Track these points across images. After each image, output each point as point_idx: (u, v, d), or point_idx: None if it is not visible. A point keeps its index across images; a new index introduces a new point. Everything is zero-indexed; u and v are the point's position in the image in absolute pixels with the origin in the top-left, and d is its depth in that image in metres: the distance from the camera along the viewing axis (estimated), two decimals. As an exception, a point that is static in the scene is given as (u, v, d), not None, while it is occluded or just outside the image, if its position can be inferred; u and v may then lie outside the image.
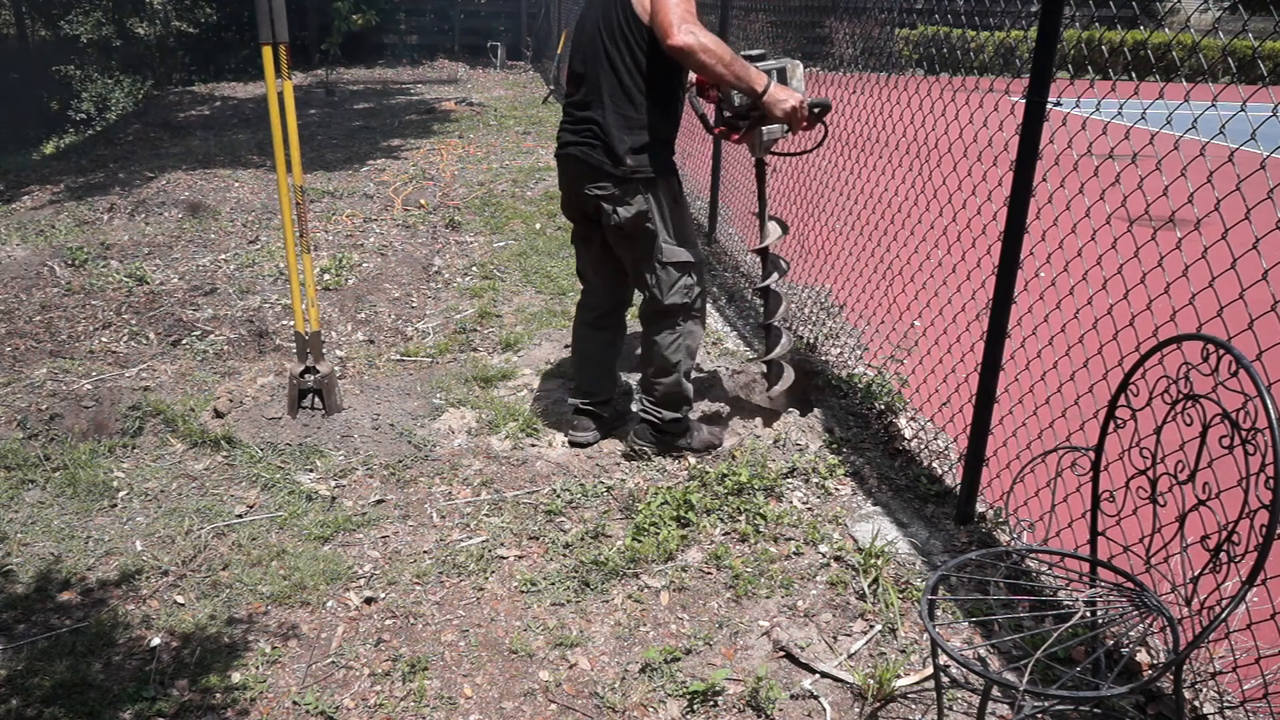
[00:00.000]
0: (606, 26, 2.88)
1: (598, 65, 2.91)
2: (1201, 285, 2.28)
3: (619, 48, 2.87)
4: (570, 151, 3.02)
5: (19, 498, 3.01)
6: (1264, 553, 1.60)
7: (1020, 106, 2.51)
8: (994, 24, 3.42)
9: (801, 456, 3.28)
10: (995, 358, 2.69)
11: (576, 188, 3.07)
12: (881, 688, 2.21)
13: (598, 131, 2.93)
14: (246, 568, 2.67)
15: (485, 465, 3.27)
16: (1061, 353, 2.90)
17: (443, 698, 2.23)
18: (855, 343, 4.19)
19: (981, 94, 3.21)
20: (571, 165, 3.05)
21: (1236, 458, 1.71)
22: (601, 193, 2.99)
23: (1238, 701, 2.12)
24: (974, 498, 2.87)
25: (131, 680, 2.25)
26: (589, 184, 3.01)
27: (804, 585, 2.64)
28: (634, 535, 2.82)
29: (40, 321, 4.48)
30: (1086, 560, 2.11)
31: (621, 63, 2.87)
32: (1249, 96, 2.04)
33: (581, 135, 2.98)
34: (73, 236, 5.87)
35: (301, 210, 3.38)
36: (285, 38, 3.16)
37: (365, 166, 8.19)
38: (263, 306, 4.72)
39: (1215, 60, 2.32)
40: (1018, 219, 2.54)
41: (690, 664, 2.35)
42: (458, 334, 4.44)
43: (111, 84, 12.09)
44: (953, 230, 3.40)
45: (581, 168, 3.00)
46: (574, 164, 3.03)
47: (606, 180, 2.96)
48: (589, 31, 2.96)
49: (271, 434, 3.40)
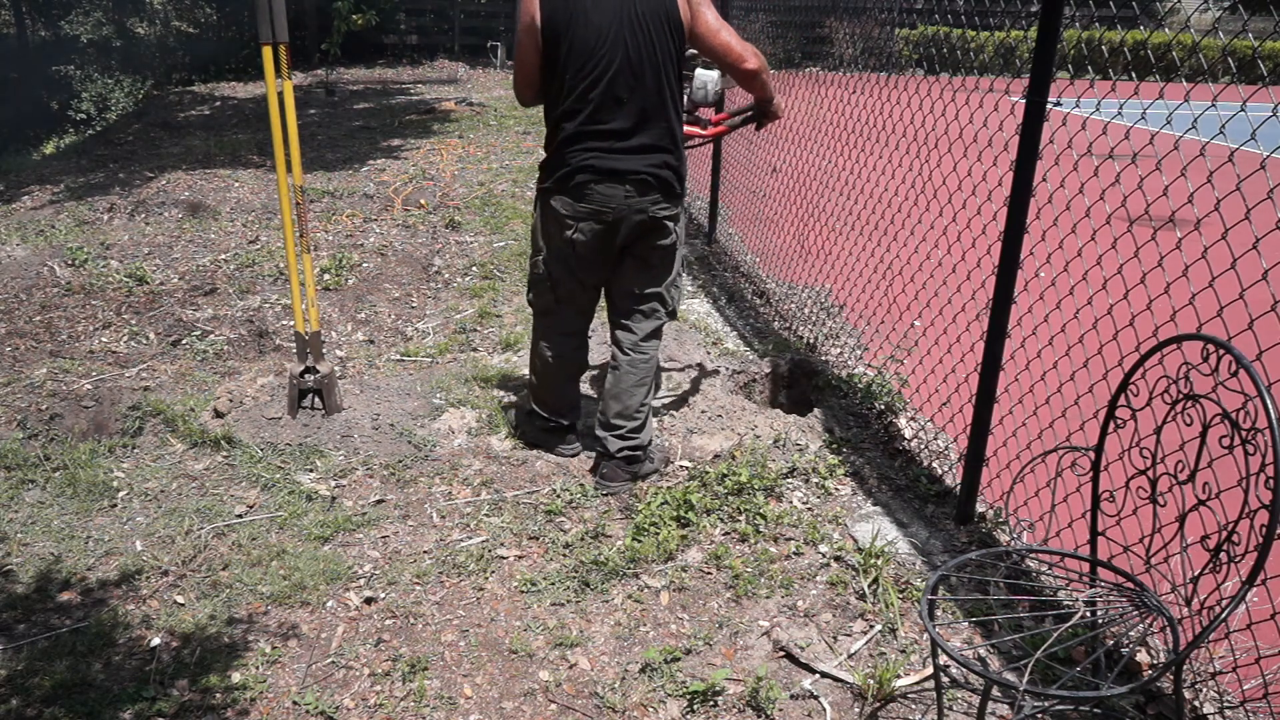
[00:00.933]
0: (649, 38, 2.82)
1: (643, 79, 2.84)
2: (1201, 285, 2.28)
3: (666, 60, 2.86)
4: (645, 172, 2.89)
5: (19, 498, 3.01)
6: (1264, 553, 1.60)
7: (1020, 106, 2.51)
8: (994, 24, 3.42)
9: (801, 456, 3.28)
10: (995, 358, 2.69)
11: (631, 213, 2.91)
12: (881, 688, 2.21)
13: (660, 145, 2.90)
14: (246, 568, 2.67)
15: (485, 465, 3.27)
16: (1061, 353, 2.90)
17: (443, 698, 2.23)
18: (855, 343, 4.19)
19: (981, 94, 3.21)
20: (639, 186, 2.89)
21: (1236, 458, 1.71)
22: (666, 212, 2.96)
23: (1238, 701, 2.12)
24: (974, 498, 2.87)
25: (131, 680, 2.25)
26: (654, 206, 2.93)
27: (804, 585, 2.64)
28: (634, 535, 2.82)
29: (40, 321, 4.48)
30: (1086, 560, 2.11)
31: (669, 83, 2.88)
32: (1249, 96, 2.04)
33: (645, 153, 2.89)
34: (73, 236, 5.87)
35: (301, 210, 3.38)
36: (285, 38, 3.16)
37: (365, 166, 8.19)
38: (263, 306, 4.72)
39: (1215, 60, 2.32)
40: (1018, 219, 2.54)
41: (690, 664, 2.35)
42: (458, 334, 4.44)
43: (111, 84, 12.08)
44: (953, 230, 3.40)
45: (647, 186, 2.91)
46: (644, 185, 2.90)
47: (674, 200, 2.98)
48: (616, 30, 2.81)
49: (271, 434, 3.40)
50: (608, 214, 2.90)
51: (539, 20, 2.79)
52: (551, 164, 2.94)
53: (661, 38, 2.82)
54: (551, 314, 3.16)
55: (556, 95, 2.89)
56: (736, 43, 2.92)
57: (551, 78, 2.87)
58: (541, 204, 3.01)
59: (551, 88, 2.90)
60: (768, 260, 5.29)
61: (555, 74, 2.85)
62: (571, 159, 2.88)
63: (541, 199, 3.00)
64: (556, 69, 2.84)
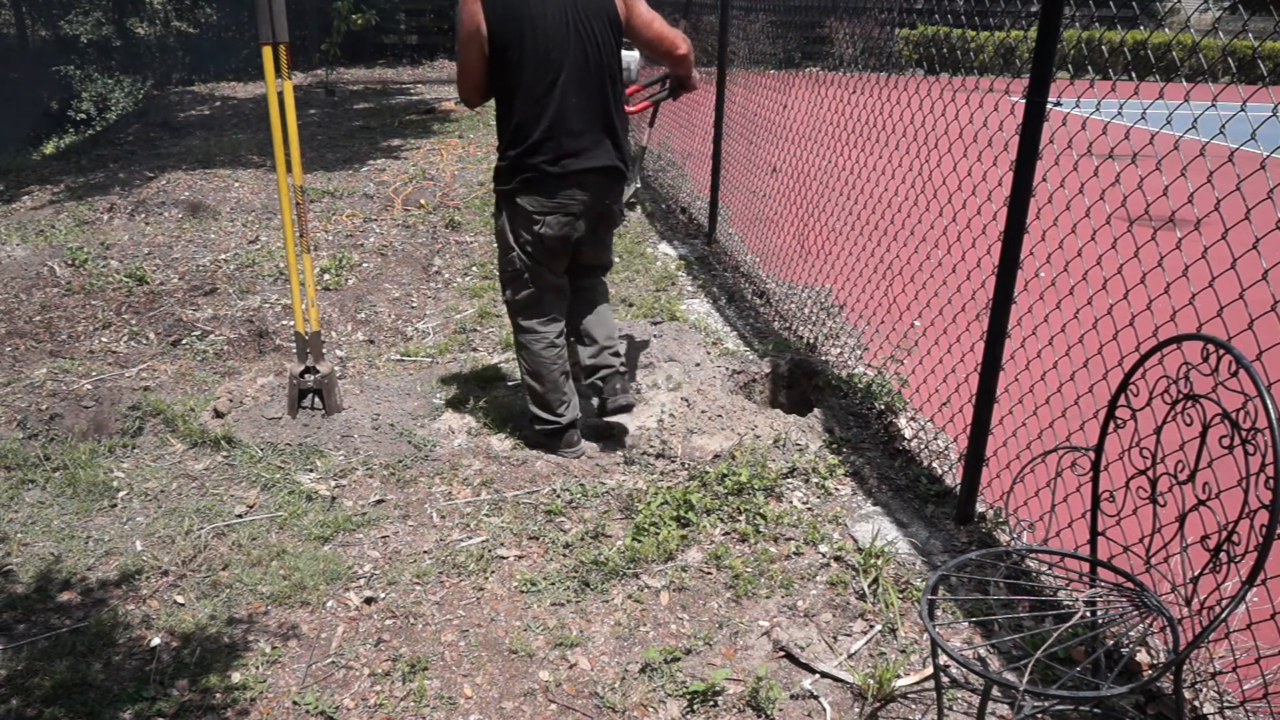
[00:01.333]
0: (594, 39, 2.98)
1: (594, 78, 3.01)
2: (1201, 285, 2.28)
3: (610, 57, 3.06)
4: (612, 165, 3.10)
5: (19, 498, 3.01)
6: (1264, 553, 1.60)
7: (1020, 106, 2.51)
8: (994, 24, 3.42)
9: (801, 456, 3.28)
10: (995, 357, 2.69)
11: (604, 199, 3.15)
12: (881, 688, 2.21)
13: (614, 137, 3.10)
14: (246, 568, 2.67)
15: (485, 465, 3.27)
16: (1061, 353, 2.90)
17: (443, 698, 2.23)
18: (855, 343, 4.19)
19: (982, 94, 3.21)
20: (607, 177, 3.11)
21: (1236, 458, 1.71)
22: (620, 197, 3.25)
23: (1238, 701, 2.12)
24: (974, 498, 2.87)
25: (131, 680, 2.25)
26: (614, 195, 3.20)
27: (804, 585, 2.64)
28: (634, 535, 2.82)
29: (40, 321, 4.48)
30: (1086, 560, 2.11)
31: (614, 77, 3.09)
32: (1249, 96, 2.04)
33: (604, 146, 3.07)
34: (73, 236, 5.87)
35: (301, 210, 3.38)
36: (285, 38, 3.16)
37: (365, 166, 8.19)
38: (263, 306, 4.72)
39: (1215, 60, 2.32)
40: (1018, 219, 2.54)
41: (690, 664, 2.35)
42: (458, 334, 4.44)
43: (111, 84, 12.06)
44: (953, 230, 3.40)
45: (614, 176, 3.14)
46: (610, 175, 3.12)
47: (623, 183, 3.24)
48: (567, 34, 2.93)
49: (271, 434, 3.40)
50: (575, 207, 3.08)
51: (485, 30, 2.90)
52: (516, 167, 3.03)
53: (605, 36, 3.01)
54: (533, 305, 3.25)
55: (511, 100, 3.00)
56: (668, 31, 3.19)
57: (503, 83, 2.99)
58: (508, 205, 3.11)
59: (504, 93, 3.02)
60: (768, 260, 5.29)
61: (507, 80, 2.97)
62: (537, 161, 2.99)
63: (506, 201, 3.11)
64: (508, 75, 2.96)
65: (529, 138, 2.97)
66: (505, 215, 3.13)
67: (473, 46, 2.93)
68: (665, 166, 7.84)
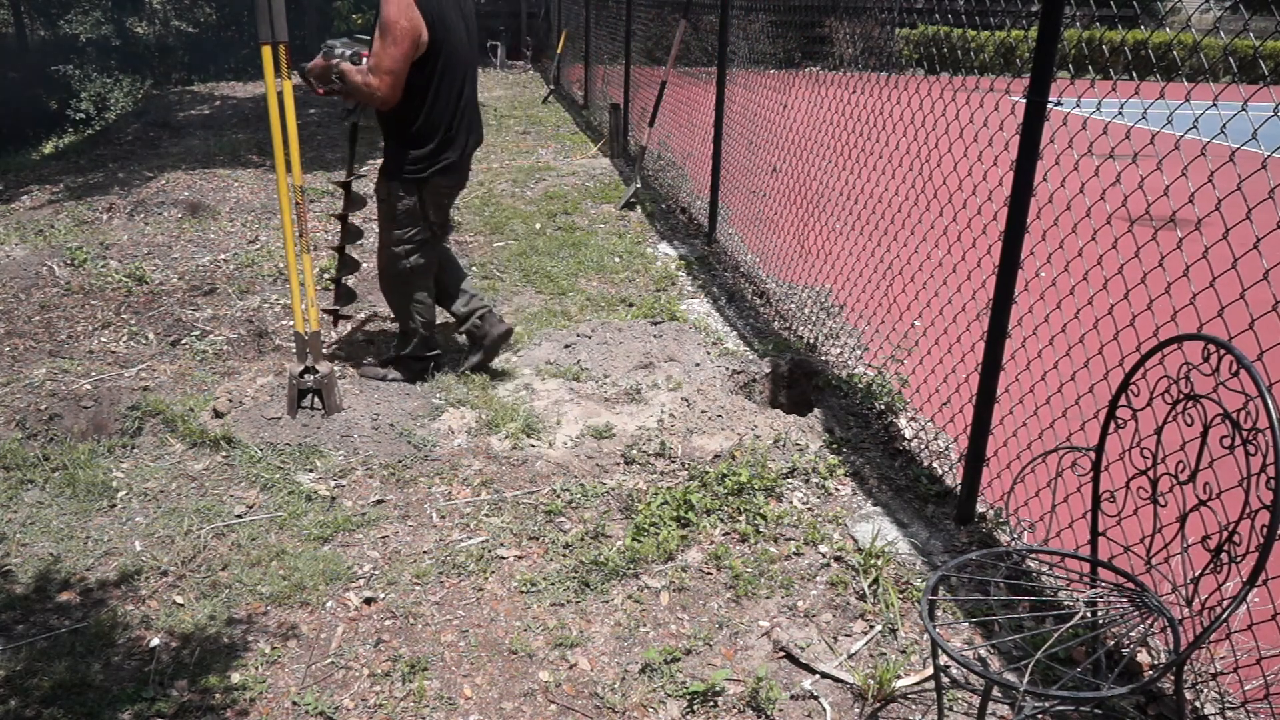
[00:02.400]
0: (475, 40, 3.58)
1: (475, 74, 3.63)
2: (1202, 285, 2.27)
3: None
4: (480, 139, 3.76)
5: (18, 498, 3.00)
6: (1265, 553, 1.60)
7: (1020, 106, 2.50)
8: (994, 24, 3.42)
9: (801, 456, 3.28)
10: (995, 358, 2.69)
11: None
12: (881, 688, 2.21)
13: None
14: (246, 568, 2.67)
15: (485, 465, 3.27)
16: (1062, 353, 2.89)
17: (442, 698, 2.23)
18: (855, 343, 4.19)
19: (982, 94, 3.21)
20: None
21: (1237, 458, 1.71)
22: None
23: (1239, 702, 2.12)
24: (974, 498, 2.87)
25: (131, 680, 2.25)
26: None
27: (804, 585, 2.64)
28: (634, 535, 2.82)
29: (40, 321, 4.48)
30: (1087, 560, 2.10)
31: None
32: (1250, 96, 2.04)
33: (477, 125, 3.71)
34: (72, 236, 5.87)
35: (301, 210, 3.38)
36: (285, 37, 3.15)
37: (365, 166, 8.18)
38: (262, 306, 4.72)
39: (1216, 60, 2.32)
40: (1018, 219, 2.54)
41: (690, 664, 2.34)
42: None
43: (111, 84, 12.07)
44: (953, 230, 3.40)
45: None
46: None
47: None
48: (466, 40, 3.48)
49: (271, 434, 3.39)
50: (464, 181, 3.74)
51: (426, 36, 3.26)
52: (436, 155, 3.49)
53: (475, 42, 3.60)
54: (428, 271, 3.75)
55: (431, 97, 3.39)
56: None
57: (422, 83, 3.35)
58: (421, 186, 3.54)
59: (420, 92, 3.37)
60: (768, 260, 5.28)
61: (429, 80, 3.36)
62: (455, 150, 3.54)
63: (418, 183, 3.53)
64: (431, 76, 3.35)
65: (448, 130, 3.48)
66: (416, 195, 3.54)
67: (410, 49, 3.24)
68: (665, 166, 7.84)
